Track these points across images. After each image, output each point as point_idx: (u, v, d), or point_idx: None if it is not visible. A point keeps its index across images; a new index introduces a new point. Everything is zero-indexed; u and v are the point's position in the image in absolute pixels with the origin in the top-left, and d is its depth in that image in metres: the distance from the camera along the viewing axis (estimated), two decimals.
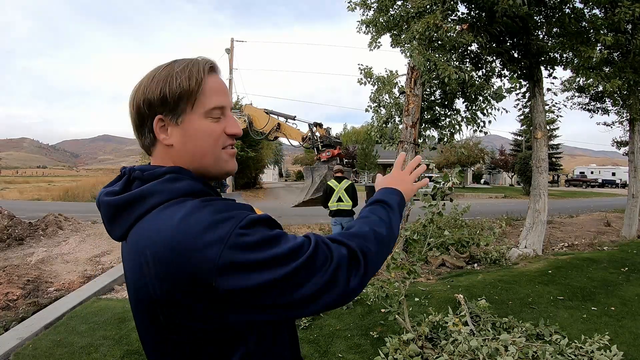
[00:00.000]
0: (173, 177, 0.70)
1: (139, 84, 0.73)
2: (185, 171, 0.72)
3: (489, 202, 22.18)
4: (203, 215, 0.62)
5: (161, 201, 0.67)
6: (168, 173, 0.70)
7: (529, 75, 7.03)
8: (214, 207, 0.64)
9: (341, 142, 6.06)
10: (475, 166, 37.93)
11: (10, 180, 46.44)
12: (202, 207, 0.63)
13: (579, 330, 3.40)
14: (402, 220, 5.39)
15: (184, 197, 0.68)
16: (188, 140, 0.73)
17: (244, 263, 0.59)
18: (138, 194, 0.68)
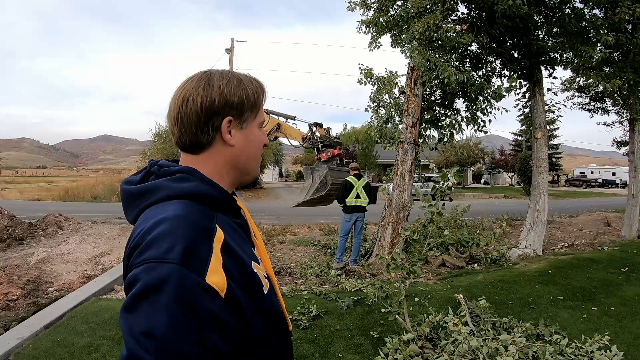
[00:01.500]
0: (181, 177, 0.75)
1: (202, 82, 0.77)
2: (197, 173, 0.77)
3: (489, 202, 22.18)
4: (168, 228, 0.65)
5: (163, 197, 0.73)
6: (180, 172, 0.76)
7: (529, 75, 7.03)
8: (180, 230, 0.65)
9: (341, 142, 6.08)
10: (475, 166, 37.93)
11: (11, 180, 46.44)
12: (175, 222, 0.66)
13: (579, 330, 3.40)
14: (402, 220, 5.40)
15: (185, 197, 0.72)
16: (248, 144, 0.82)
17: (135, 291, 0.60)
18: (148, 188, 0.75)
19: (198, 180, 0.75)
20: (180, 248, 0.62)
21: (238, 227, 0.81)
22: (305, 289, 4.76)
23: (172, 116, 0.78)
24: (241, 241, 0.78)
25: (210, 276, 0.63)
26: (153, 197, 0.74)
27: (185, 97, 0.76)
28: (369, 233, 7.98)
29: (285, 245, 8.14)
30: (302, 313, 3.83)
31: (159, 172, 0.77)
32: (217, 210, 0.76)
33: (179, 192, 0.73)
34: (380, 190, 5.63)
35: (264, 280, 0.79)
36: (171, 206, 0.70)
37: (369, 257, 6.62)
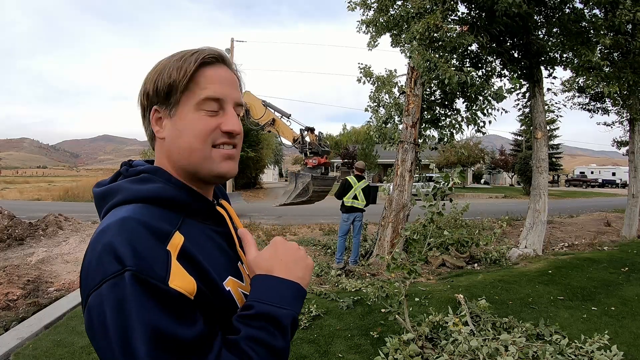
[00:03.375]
0: (144, 178, 0.67)
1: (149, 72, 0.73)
2: (163, 173, 0.68)
3: (489, 202, 22.18)
4: (111, 236, 0.57)
5: (121, 200, 0.65)
6: (144, 172, 0.69)
7: (529, 76, 7.03)
8: (126, 233, 0.57)
9: (329, 151, 6.10)
10: (475, 166, 37.94)
11: (11, 180, 46.44)
12: (120, 226, 0.58)
13: (579, 330, 3.40)
14: (402, 220, 5.37)
15: (143, 200, 0.64)
16: (178, 134, 0.68)
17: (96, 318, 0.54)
18: (109, 190, 0.69)
19: (162, 181, 0.67)
20: (127, 252, 0.55)
21: (217, 236, 0.71)
22: None
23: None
24: (216, 251, 0.68)
25: (173, 281, 0.56)
26: (111, 200, 0.66)
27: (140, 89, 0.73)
28: (369, 233, 7.98)
29: None
30: (302, 313, 3.83)
31: (126, 173, 0.70)
32: (187, 215, 0.67)
33: (136, 194, 0.65)
34: (381, 190, 5.64)
35: (241, 300, 0.67)
36: (121, 210, 0.62)
37: (369, 257, 6.62)
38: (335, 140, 44.50)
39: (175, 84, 0.67)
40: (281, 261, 0.68)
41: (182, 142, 0.68)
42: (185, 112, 0.68)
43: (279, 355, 0.60)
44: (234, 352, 0.59)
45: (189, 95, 0.67)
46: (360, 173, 6.49)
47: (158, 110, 0.69)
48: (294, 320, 0.64)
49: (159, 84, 0.68)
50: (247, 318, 0.61)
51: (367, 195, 6.39)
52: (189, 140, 0.68)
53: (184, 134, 0.68)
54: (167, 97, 0.68)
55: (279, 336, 0.61)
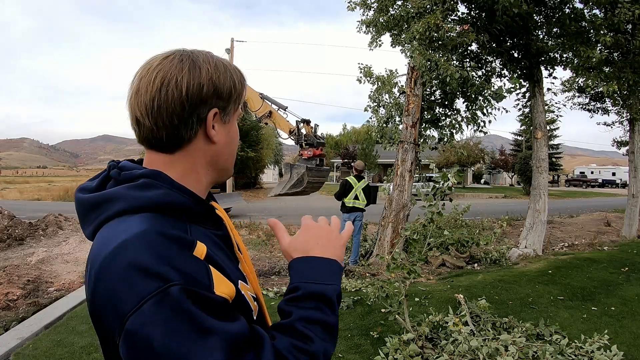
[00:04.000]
0: (146, 183, 0.61)
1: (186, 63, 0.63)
2: (165, 178, 0.63)
3: (489, 202, 22.18)
4: (135, 253, 0.52)
5: (123, 209, 0.60)
6: (143, 177, 0.62)
7: (529, 75, 7.03)
8: (152, 248, 0.53)
9: (324, 143, 6.15)
10: (475, 166, 37.93)
11: (10, 180, 46.44)
12: (141, 241, 0.54)
13: (579, 330, 3.40)
14: (402, 220, 5.36)
15: (148, 209, 0.59)
16: (230, 141, 0.71)
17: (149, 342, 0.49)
18: (104, 197, 0.62)
19: (167, 186, 0.62)
20: (164, 268, 0.51)
21: (219, 240, 0.68)
22: None
23: (144, 103, 0.62)
24: (224, 256, 0.65)
25: (218, 288, 0.55)
26: (110, 209, 0.60)
27: (166, 79, 0.61)
28: (369, 233, 7.98)
29: None
30: None
31: (118, 177, 0.64)
32: (190, 222, 0.63)
33: (142, 202, 0.59)
34: (381, 190, 5.65)
35: (252, 303, 0.66)
36: (132, 221, 0.57)
37: (369, 257, 6.62)
38: (335, 140, 44.49)
39: (241, 95, 0.70)
40: (316, 242, 0.70)
41: (233, 148, 0.72)
42: (234, 120, 0.71)
43: (333, 330, 0.63)
44: (291, 334, 0.60)
45: (238, 107, 0.71)
46: (359, 173, 6.54)
47: (217, 114, 0.66)
48: (339, 294, 0.66)
49: (232, 88, 0.67)
50: (297, 300, 0.63)
51: (367, 195, 6.44)
52: (235, 147, 0.73)
53: (234, 140, 0.72)
54: (229, 102, 0.68)
55: (329, 312, 0.63)
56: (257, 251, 7.48)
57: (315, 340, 0.60)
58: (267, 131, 27.81)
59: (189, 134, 0.64)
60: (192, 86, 0.62)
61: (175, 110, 0.61)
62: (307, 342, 0.59)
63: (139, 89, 0.62)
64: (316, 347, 0.59)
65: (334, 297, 0.65)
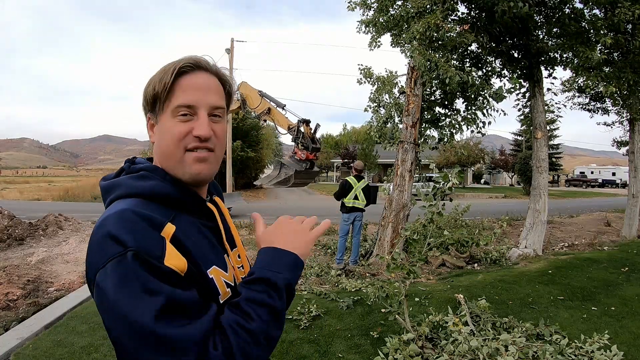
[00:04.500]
0: (142, 175, 0.75)
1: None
2: (160, 171, 0.76)
3: (489, 202, 22.18)
4: (111, 224, 0.65)
5: (121, 194, 0.73)
6: (143, 170, 0.76)
7: (529, 76, 7.03)
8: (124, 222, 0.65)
9: (319, 148, 6.21)
10: (475, 166, 37.94)
11: (11, 180, 46.43)
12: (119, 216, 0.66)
13: (579, 330, 3.40)
14: (402, 220, 5.35)
15: (140, 195, 0.72)
16: (160, 138, 0.77)
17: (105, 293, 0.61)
18: (112, 184, 0.76)
19: (158, 178, 0.74)
20: (127, 237, 0.63)
21: (207, 230, 0.78)
22: (305, 289, 4.76)
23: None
24: (203, 242, 0.75)
25: (168, 259, 0.64)
26: (114, 193, 0.74)
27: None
28: (369, 233, 7.98)
29: None
30: (302, 313, 3.83)
31: (128, 170, 0.78)
32: (179, 210, 0.74)
33: (135, 190, 0.73)
34: (381, 190, 5.65)
35: (223, 288, 0.75)
36: (121, 203, 0.70)
37: (369, 257, 6.62)
38: (335, 140, 44.46)
39: (157, 95, 0.75)
40: (282, 235, 0.78)
41: (162, 147, 0.77)
42: (164, 119, 0.76)
43: (276, 315, 0.68)
44: (235, 311, 0.67)
45: (168, 103, 0.75)
46: (359, 173, 6.53)
47: (150, 118, 0.79)
48: (289, 286, 0.72)
49: (147, 95, 0.76)
50: (249, 282, 0.71)
51: (367, 195, 6.44)
52: (167, 145, 0.75)
53: (163, 138, 0.76)
54: (154, 106, 0.77)
55: (276, 297, 0.69)
56: (257, 251, 7.49)
57: (255, 320, 0.66)
58: (267, 131, 27.80)
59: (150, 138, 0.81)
60: (142, 100, 0.79)
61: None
62: (248, 320, 0.65)
63: None
64: (256, 326, 0.65)
65: (283, 285, 0.70)
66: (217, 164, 0.79)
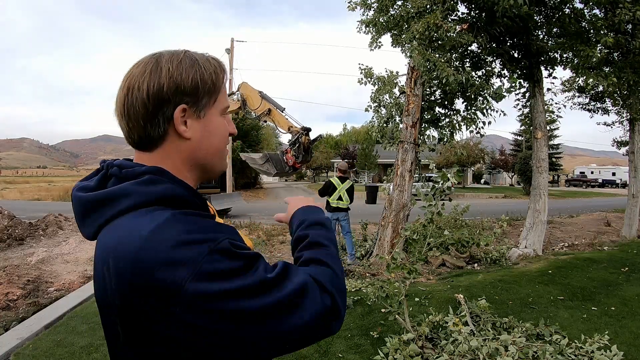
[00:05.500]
0: (151, 179, 0.63)
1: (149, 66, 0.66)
2: (167, 173, 0.66)
3: (489, 202, 22.18)
4: (174, 231, 0.56)
5: (134, 204, 0.61)
6: (147, 174, 0.64)
7: (529, 76, 7.02)
8: (187, 225, 0.58)
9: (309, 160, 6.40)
10: (475, 166, 37.93)
11: (11, 180, 46.44)
12: (175, 222, 0.58)
13: (579, 330, 3.40)
14: (402, 220, 5.37)
15: (158, 203, 0.62)
16: (207, 135, 0.71)
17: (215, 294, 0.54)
18: (111, 194, 0.63)
19: (169, 181, 0.65)
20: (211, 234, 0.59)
21: None
22: None
23: (119, 109, 0.67)
24: None
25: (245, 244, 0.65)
26: (119, 205, 0.62)
27: (131, 85, 0.65)
28: (369, 233, 7.98)
29: (285, 246, 8.15)
30: None
31: (120, 175, 0.65)
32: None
33: (152, 197, 0.62)
34: (381, 190, 5.66)
35: None
36: (152, 213, 0.60)
37: (369, 257, 6.62)
38: (335, 140, 44.46)
39: (214, 87, 0.70)
40: (300, 203, 0.94)
41: (211, 144, 0.72)
42: (214, 115, 0.72)
43: (334, 239, 0.82)
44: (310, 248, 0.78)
45: (218, 100, 0.72)
46: (342, 174, 6.75)
47: (187, 110, 0.67)
48: (329, 220, 0.91)
49: (199, 82, 0.67)
50: (307, 228, 0.83)
51: (350, 195, 6.69)
52: (219, 142, 0.73)
53: (215, 135, 0.72)
54: (201, 97, 0.68)
55: (330, 229, 0.85)
56: (257, 251, 7.49)
57: (331, 247, 0.78)
58: (267, 131, 27.80)
59: (158, 132, 0.67)
60: (152, 87, 0.64)
61: (141, 112, 0.65)
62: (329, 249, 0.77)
63: (117, 96, 0.68)
64: (334, 250, 0.79)
65: (327, 222, 0.87)
66: None
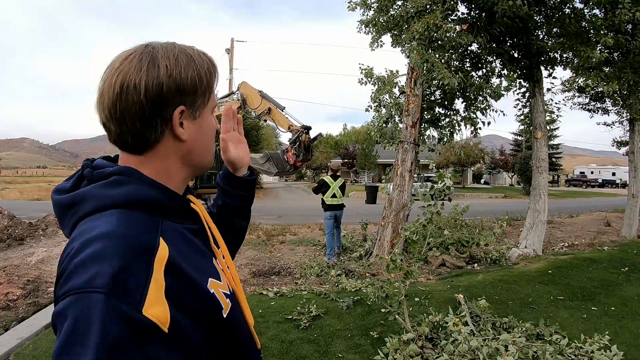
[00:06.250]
0: (116, 181, 0.61)
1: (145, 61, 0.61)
2: (136, 173, 0.62)
3: (489, 202, 22.18)
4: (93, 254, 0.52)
5: (92, 209, 0.59)
6: (115, 174, 0.61)
7: (529, 76, 7.03)
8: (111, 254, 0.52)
9: (309, 159, 6.45)
10: (475, 166, 37.94)
11: (11, 180, 46.45)
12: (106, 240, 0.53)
13: (579, 330, 3.40)
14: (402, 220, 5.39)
15: (117, 206, 0.59)
16: (201, 136, 0.69)
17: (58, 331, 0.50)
18: (76, 197, 0.61)
19: (136, 182, 0.62)
20: (108, 274, 0.50)
21: (193, 235, 0.68)
22: (305, 289, 4.76)
23: (107, 108, 0.61)
24: (194, 253, 0.66)
25: (148, 308, 0.51)
26: (82, 208, 0.60)
27: (125, 83, 0.59)
28: (369, 233, 7.98)
29: (285, 245, 8.14)
30: (302, 313, 3.83)
31: (91, 177, 0.63)
32: (164, 216, 0.63)
33: (112, 200, 0.59)
34: (380, 190, 5.66)
35: (224, 300, 0.66)
36: (103, 220, 0.57)
37: (369, 257, 6.63)
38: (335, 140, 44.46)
39: (210, 84, 0.68)
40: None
41: (204, 144, 0.70)
42: (207, 114, 0.69)
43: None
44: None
45: (210, 98, 0.69)
46: (335, 173, 7.04)
47: (184, 111, 0.64)
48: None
49: (196, 81, 0.64)
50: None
51: (342, 192, 6.97)
52: (210, 141, 0.72)
53: (207, 135, 0.70)
54: (197, 97, 0.65)
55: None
56: (257, 251, 7.48)
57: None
58: (267, 131, 27.79)
59: (155, 135, 0.63)
60: (152, 87, 0.59)
61: (137, 114, 0.60)
62: None
63: (103, 93, 0.61)
64: None
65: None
66: None
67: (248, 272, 6.00)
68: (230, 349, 0.68)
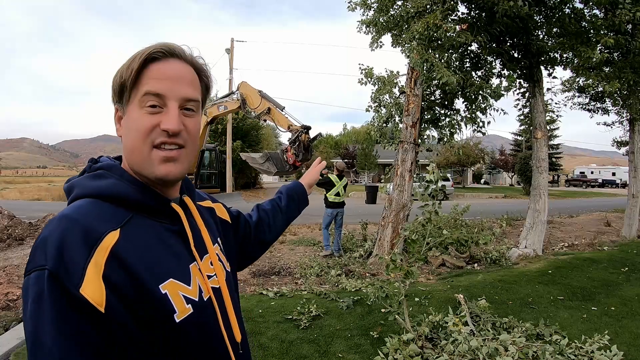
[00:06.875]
0: (98, 174, 0.69)
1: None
2: (117, 169, 0.70)
3: (489, 202, 22.18)
4: (50, 229, 0.61)
5: (75, 196, 0.68)
6: (100, 169, 0.71)
7: (529, 76, 7.02)
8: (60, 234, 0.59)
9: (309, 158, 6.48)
10: (475, 166, 37.93)
11: (10, 180, 46.45)
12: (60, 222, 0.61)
13: (579, 330, 3.40)
14: (402, 220, 5.38)
15: (94, 196, 0.66)
16: (126, 132, 0.69)
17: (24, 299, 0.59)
18: (70, 186, 0.72)
19: (116, 177, 0.68)
20: (52, 251, 0.57)
21: (170, 235, 0.70)
22: (305, 289, 4.76)
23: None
24: (161, 252, 0.67)
25: (85, 287, 0.56)
26: (70, 195, 0.69)
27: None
28: (369, 233, 7.98)
29: (285, 245, 8.14)
30: (302, 313, 3.83)
31: (88, 170, 0.72)
32: (137, 211, 0.67)
33: (89, 190, 0.67)
34: (380, 190, 5.68)
35: (181, 305, 0.65)
36: (73, 205, 0.65)
37: (369, 257, 6.63)
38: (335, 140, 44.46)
39: (125, 83, 0.67)
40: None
41: (128, 141, 0.68)
42: (131, 110, 0.68)
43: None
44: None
45: (135, 92, 0.67)
46: (340, 172, 7.19)
47: (118, 110, 0.71)
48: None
49: (114, 84, 0.69)
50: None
51: (345, 191, 7.19)
52: (132, 139, 0.67)
53: (130, 132, 0.68)
54: (121, 96, 0.69)
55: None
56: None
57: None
58: (267, 131, 27.78)
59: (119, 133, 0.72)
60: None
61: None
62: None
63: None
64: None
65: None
66: (189, 162, 0.71)
67: (248, 272, 6.00)
68: (181, 354, 0.66)
